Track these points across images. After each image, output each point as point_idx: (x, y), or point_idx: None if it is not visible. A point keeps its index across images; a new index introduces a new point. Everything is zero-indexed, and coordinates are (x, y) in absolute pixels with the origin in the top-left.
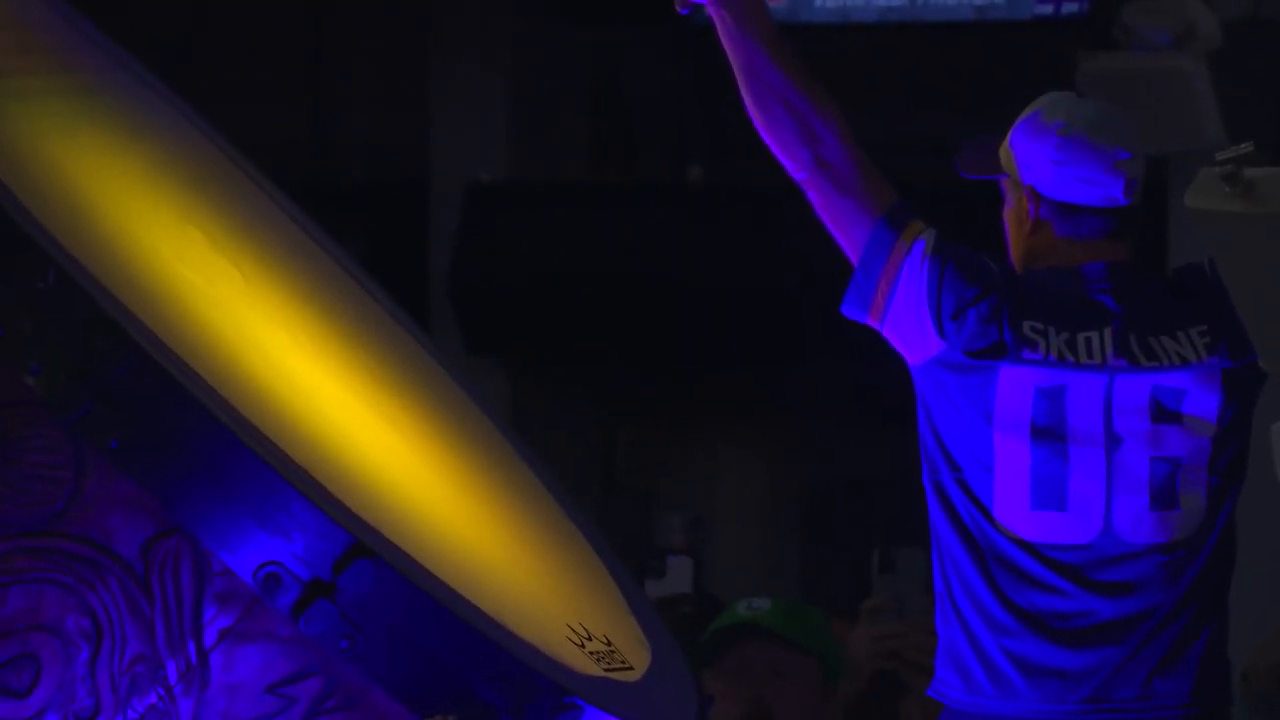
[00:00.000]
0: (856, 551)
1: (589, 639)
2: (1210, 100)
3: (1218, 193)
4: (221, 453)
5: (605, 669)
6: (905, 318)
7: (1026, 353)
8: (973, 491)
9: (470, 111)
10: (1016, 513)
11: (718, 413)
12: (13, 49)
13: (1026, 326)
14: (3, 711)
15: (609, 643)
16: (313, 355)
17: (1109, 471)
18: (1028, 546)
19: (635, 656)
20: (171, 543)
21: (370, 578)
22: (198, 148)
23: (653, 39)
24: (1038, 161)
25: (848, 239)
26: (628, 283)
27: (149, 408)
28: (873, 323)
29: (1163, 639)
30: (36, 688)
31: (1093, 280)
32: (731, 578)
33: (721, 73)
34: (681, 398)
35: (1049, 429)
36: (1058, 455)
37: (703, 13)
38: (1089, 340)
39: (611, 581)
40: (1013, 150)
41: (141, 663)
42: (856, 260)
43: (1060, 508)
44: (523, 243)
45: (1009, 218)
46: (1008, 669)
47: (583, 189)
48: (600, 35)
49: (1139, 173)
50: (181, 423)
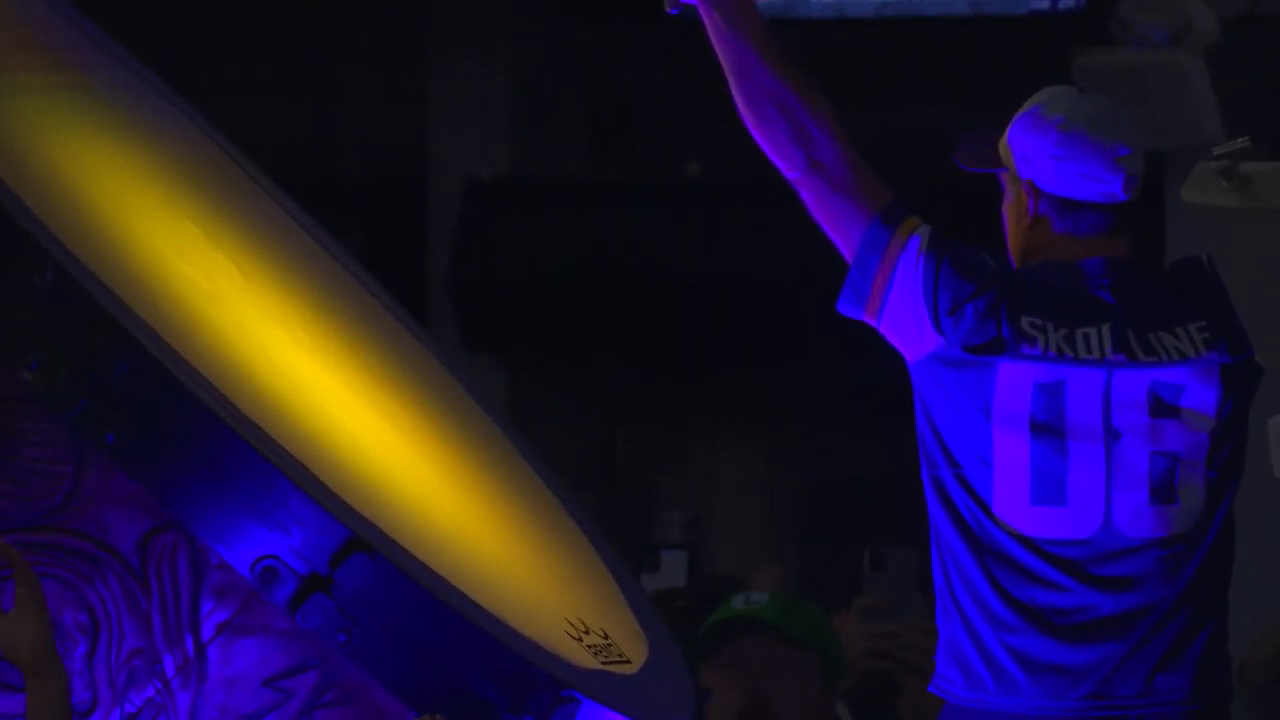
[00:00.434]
0: (855, 549)
1: (587, 633)
2: (1208, 96)
3: (1215, 188)
4: (219, 448)
5: (603, 663)
6: (902, 314)
7: (1025, 348)
8: (972, 487)
9: (469, 109)
10: (1016, 508)
11: (717, 410)
12: (13, 47)
13: (1025, 322)
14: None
15: (606, 637)
16: (311, 351)
17: (1108, 466)
18: (1027, 542)
19: (633, 650)
20: (169, 537)
21: (368, 572)
22: (197, 145)
23: (652, 37)
24: (1037, 156)
25: (842, 237)
26: (627, 280)
27: (147, 403)
28: (869, 319)
29: (1163, 635)
30: None
31: (1092, 276)
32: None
33: (719, 70)
34: (681, 395)
35: (1048, 424)
36: (1057, 450)
37: (692, 12)
38: (1087, 336)
39: (609, 577)
40: (1012, 145)
41: (139, 656)
42: (851, 257)
43: (1060, 503)
44: (522, 240)
45: (1008, 212)
46: (1009, 664)
47: (582, 186)
48: (599, 33)
49: (1139, 168)
50: (180, 418)
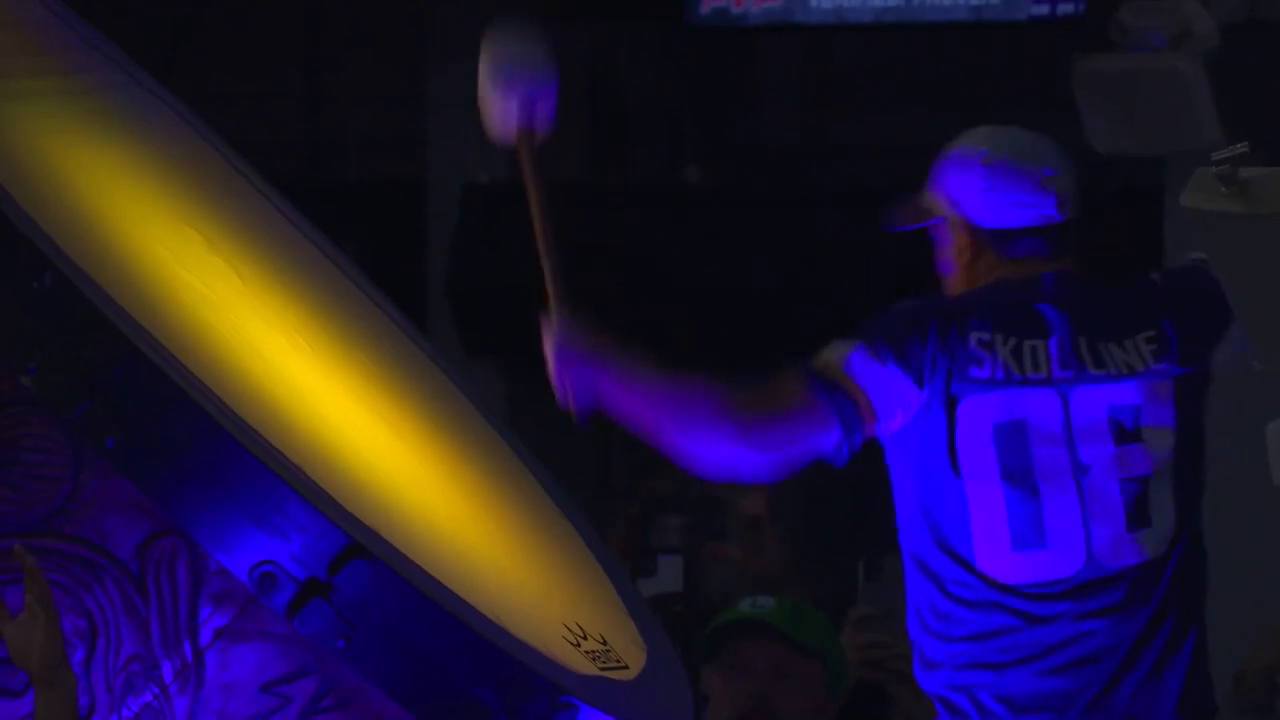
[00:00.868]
0: (853, 555)
1: (585, 638)
2: (1207, 101)
3: (1214, 193)
4: (218, 453)
5: (601, 668)
6: (890, 400)
7: (974, 370)
8: (953, 549)
9: (468, 112)
10: (998, 557)
11: None
12: (10, 50)
13: (973, 338)
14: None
15: (604, 642)
16: (310, 356)
17: (1082, 501)
18: (1013, 591)
19: (631, 656)
20: (167, 542)
21: (366, 577)
22: (195, 149)
23: (651, 41)
24: (968, 193)
25: (825, 440)
26: (625, 283)
27: (146, 408)
28: (875, 432)
29: (1143, 659)
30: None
31: (1036, 290)
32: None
33: (719, 75)
34: None
35: (1016, 470)
36: (1030, 494)
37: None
38: (1034, 349)
39: (607, 582)
40: (940, 189)
41: (137, 662)
42: (839, 424)
43: (1040, 545)
44: (520, 243)
45: (951, 256)
46: (996, 708)
47: (581, 190)
48: (598, 36)
49: (1069, 187)
50: (178, 423)
